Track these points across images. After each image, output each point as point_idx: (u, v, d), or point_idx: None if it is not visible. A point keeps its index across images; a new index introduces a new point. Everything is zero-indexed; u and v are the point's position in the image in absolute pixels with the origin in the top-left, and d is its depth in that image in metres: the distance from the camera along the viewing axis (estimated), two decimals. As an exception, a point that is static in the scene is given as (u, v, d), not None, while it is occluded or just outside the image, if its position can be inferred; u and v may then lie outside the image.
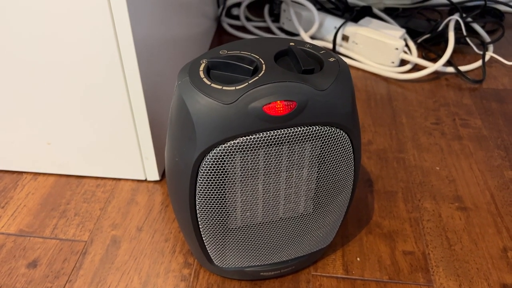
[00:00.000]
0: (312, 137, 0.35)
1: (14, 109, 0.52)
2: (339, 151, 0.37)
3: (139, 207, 0.53)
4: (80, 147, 0.54)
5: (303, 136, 0.35)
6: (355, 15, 0.86)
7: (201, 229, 0.39)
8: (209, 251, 0.42)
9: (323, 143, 0.36)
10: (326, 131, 0.35)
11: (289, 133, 0.34)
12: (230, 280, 0.45)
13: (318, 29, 0.85)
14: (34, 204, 0.54)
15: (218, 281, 0.45)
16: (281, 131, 0.34)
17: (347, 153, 0.37)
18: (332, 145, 0.36)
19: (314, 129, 0.35)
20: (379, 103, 0.71)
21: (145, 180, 0.57)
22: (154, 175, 0.56)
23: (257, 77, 0.33)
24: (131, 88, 0.48)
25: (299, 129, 0.34)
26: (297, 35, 0.87)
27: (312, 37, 0.86)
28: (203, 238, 0.40)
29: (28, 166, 0.57)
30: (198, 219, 0.38)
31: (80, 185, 0.56)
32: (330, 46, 0.83)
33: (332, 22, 0.84)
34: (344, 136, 0.36)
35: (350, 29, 0.81)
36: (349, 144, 0.37)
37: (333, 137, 0.36)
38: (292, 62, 0.36)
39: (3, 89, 0.50)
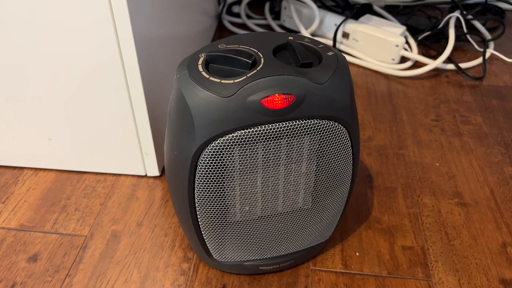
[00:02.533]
0: (310, 130, 0.35)
1: (15, 105, 0.52)
2: (337, 145, 0.37)
3: (139, 202, 0.54)
4: (81, 142, 0.54)
5: (302, 129, 0.35)
6: (356, 12, 0.86)
7: (200, 223, 0.39)
8: (208, 245, 0.42)
9: (321, 136, 0.36)
10: (324, 124, 0.35)
11: (288, 126, 0.34)
12: (229, 274, 0.45)
13: (318, 26, 0.85)
14: (35, 199, 0.54)
15: (217, 275, 0.45)
16: (279, 125, 0.34)
17: (346, 147, 0.37)
18: (330, 139, 0.36)
19: (312, 122, 0.35)
20: (380, 100, 0.71)
21: (145, 176, 0.57)
22: (154, 171, 0.56)
23: (255, 71, 0.33)
24: (131, 84, 0.48)
25: (298, 122, 0.34)
26: (298, 32, 0.87)
27: (313, 34, 0.86)
28: (202, 232, 0.40)
29: (29, 161, 0.58)
30: (197, 212, 0.39)
31: (80, 181, 0.56)
32: (331, 43, 0.83)
33: (332, 19, 0.84)
34: (342, 129, 0.36)
35: (351, 26, 0.81)
36: (347, 138, 0.37)
37: (331, 130, 0.36)
38: (291, 56, 0.36)
39: (4, 85, 0.50)
